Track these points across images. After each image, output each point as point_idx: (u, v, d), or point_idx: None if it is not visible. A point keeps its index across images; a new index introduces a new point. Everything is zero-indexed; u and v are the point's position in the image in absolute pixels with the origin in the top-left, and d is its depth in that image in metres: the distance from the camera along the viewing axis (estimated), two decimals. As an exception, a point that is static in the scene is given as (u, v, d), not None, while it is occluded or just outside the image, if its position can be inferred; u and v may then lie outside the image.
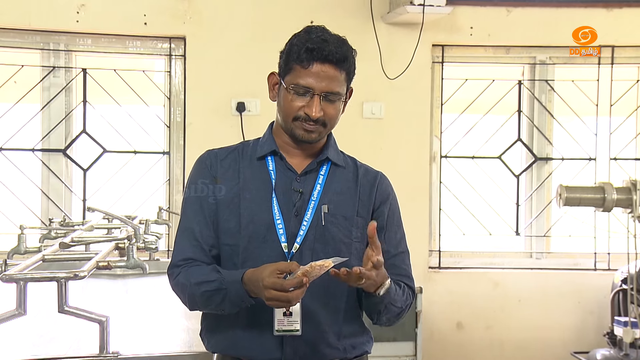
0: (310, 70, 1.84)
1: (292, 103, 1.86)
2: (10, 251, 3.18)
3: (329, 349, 1.89)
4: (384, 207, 1.98)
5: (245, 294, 1.78)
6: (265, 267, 1.74)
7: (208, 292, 1.83)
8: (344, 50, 1.86)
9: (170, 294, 1.95)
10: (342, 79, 1.87)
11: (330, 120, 1.89)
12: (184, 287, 1.88)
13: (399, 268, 1.97)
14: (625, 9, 4.90)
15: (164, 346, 2.40)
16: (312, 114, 1.84)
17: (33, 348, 2.28)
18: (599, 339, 4.66)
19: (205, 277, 1.84)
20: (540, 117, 5.05)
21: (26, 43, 4.59)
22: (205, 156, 1.98)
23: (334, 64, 1.84)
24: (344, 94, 1.90)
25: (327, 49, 1.83)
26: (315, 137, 1.89)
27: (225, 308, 1.84)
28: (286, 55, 1.89)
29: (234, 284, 1.79)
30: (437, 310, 4.83)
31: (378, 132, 4.77)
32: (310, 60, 1.83)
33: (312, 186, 1.92)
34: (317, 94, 1.84)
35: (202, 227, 1.91)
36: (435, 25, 4.71)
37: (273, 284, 1.69)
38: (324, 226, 1.89)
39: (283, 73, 1.90)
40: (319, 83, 1.84)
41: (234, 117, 4.63)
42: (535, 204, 5.06)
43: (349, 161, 2.01)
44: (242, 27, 4.66)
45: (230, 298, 1.81)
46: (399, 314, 1.94)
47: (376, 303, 1.86)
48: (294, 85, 1.85)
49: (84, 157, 4.69)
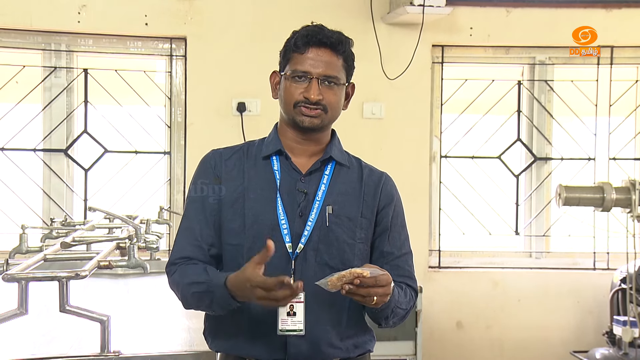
0: (306, 55, 1.88)
1: (292, 90, 1.88)
2: (12, 251, 3.20)
3: (332, 348, 1.90)
4: (388, 209, 1.98)
5: (230, 297, 1.78)
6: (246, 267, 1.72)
7: (197, 294, 1.84)
8: (339, 35, 1.91)
9: (171, 293, 1.96)
10: (340, 65, 1.90)
11: (331, 106, 1.90)
12: (178, 285, 1.90)
13: (402, 269, 1.98)
14: (624, 9, 4.90)
15: (165, 345, 2.41)
16: (311, 97, 1.86)
17: (34, 347, 2.29)
18: (598, 338, 4.67)
19: (196, 277, 1.85)
20: (539, 117, 5.06)
21: (27, 43, 4.60)
22: (209, 156, 1.99)
23: (330, 48, 1.88)
24: (343, 80, 1.91)
25: (322, 33, 1.89)
26: (317, 123, 1.90)
27: (214, 309, 1.85)
28: (285, 48, 1.94)
29: (218, 287, 1.79)
30: (437, 310, 4.84)
31: (378, 132, 4.78)
32: (306, 45, 1.88)
33: (317, 186, 1.92)
34: (314, 77, 1.87)
35: (202, 226, 1.92)
36: (435, 25, 4.71)
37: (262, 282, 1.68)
38: (328, 227, 1.89)
39: (283, 67, 1.93)
40: (316, 68, 1.87)
41: (234, 117, 4.64)
42: (534, 204, 5.07)
43: (353, 161, 2.01)
44: (242, 27, 4.67)
45: (217, 301, 1.81)
46: (404, 316, 1.94)
47: (383, 309, 1.84)
48: (292, 71, 1.89)
49: (85, 157, 4.70)
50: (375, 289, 1.73)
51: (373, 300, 1.74)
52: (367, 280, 1.70)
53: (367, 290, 1.72)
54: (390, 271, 1.91)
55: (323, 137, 1.96)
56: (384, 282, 1.74)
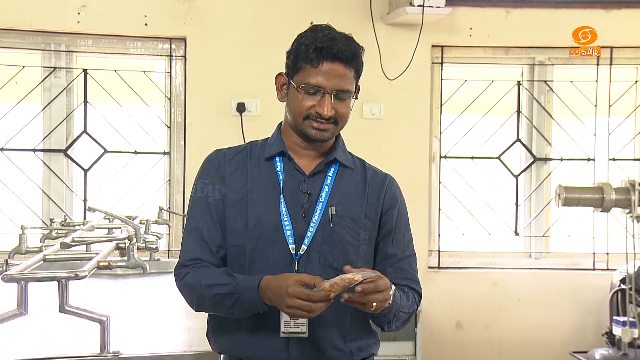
0: (320, 69, 1.84)
1: (303, 102, 1.86)
2: (12, 251, 3.20)
3: (335, 351, 1.89)
4: (392, 211, 1.97)
5: (261, 300, 1.77)
6: (288, 276, 1.73)
7: (219, 295, 1.81)
8: (353, 47, 1.87)
9: (171, 293, 1.96)
10: (352, 76, 1.88)
11: (342, 118, 1.89)
12: (192, 288, 1.86)
13: (406, 272, 1.98)
14: (623, 10, 4.90)
15: (164, 346, 2.41)
16: (324, 113, 1.84)
17: (34, 348, 2.29)
18: (598, 339, 4.67)
19: (217, 279, 1.82)
20: (539, 117, 5.06)
21: (27, 44, 4.60)
22: (213, 156, 1.98)
23: (344, 62, 1.85)
24: (353, 91, 1.90)
25: (337, 47, 1.83)
26: (328, 136, 1.89)
27: (234, 312, 1.83)
28: (294, 55, 1.88)
29: (249, 289, 1.78)
30: (437, 310, 4.84)
31: (378, 132, 4.77)
32: (320, 59, 1.83)
33: (320, 187, 1.92)
34: (328, 93, 1.84)
35: (209, 227, 1.90)
36: (435, 26, 4.71)
37: (299, 293, 1.68)
38: (332, 228, 1.88)
39: (292, 73, 1.89)
40: (330, 82, 1.84)
41: (234, 118, 4.64)
42: (534, 204, 5.08)
43: (357, 162, 2.01)
44: (242, 27, 4.67)
45: (243, 303, 1.79)
46: (407, 320, 1.94)
47: (385, 313, 1.84)
48: (305, 84, 1.85)
49: (84, 157, 4.70)
50: (375, 295, 1.72)
51: (372, 307, 1.73)
52: (366, 287, 1.70)
53: (366, 298, 1.71)
54: (393, 273, 1.93)
55: (328, 141, 1.95)
56: (383, 286, 1.73)
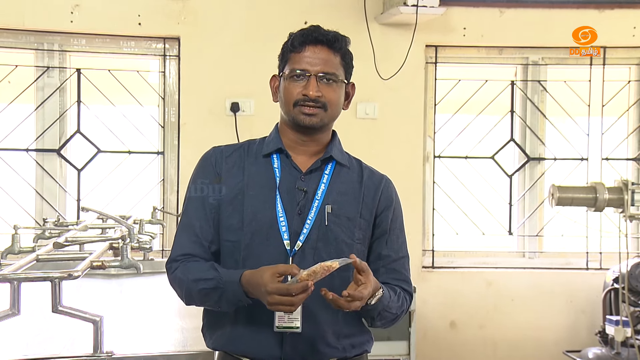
0: (304, 54, 1.89)
1: (291, 89, 1.89)
2: (4, 251, 3.19)
3: (328, 348, 1.90)
4: (387, 212, 1.99)
5: (243, 294, 1.79)
6: (264, 270, 1.75)
7: (205, 290, 1.84)
8: (336, 33, 1.93)
9: (165, 293, 1.96)
10: (337, 62, 1.91)
11: (330, 104, 1.90)
12: (181, 282, 1.89)
13: (399, 273, 1.99)
14: (616, 10, 4.92)
15: (158, 346, 2.40)
16: (310, 93, 1.86)
17: (27, 348, 2.29)
18: (591, 338, 4.69)
19: (203, 274, 1.85)
20: (532, 117, 5.07)
21: (20, 43, 4.59)
22: (210, 153, 1.99)
23: (327, 45, 1.90)
24: (341, 77, 1.92)
25: (318, 31, 1.91)
26: (317, 122, 1.90)
27: (222, 306, 1.86)
28: (282, 50, 1.95)
29: (231, 284, 1.80)
30: (431, 310, 4.84)
31: (372, 132, 4.78)
32: (302, 44, 1.90)
33: (317, 185, 1.93)
34: (312, 75, 1.88)
35: (202, 223, 1.92)
36: (429, 25, 4.72)
37: (277, 289, 1.70)
38: (327, 226, 1.90)
39: (281, 68, 1.95)
40: (314, 66, 1.89)
41: (228, 117, 4.64)
42: (527, 204, 5.09)
43: (354, 162, 2.03)
44: (236, 27, 4.67)
45: (227, 297, 1.82)
46: (393, 320, 1.95)
47: (369, 310, 1.86)
48: (290, 70, 1.90)
49: (78, 157, 4.69)
50: (355, 303, 1.75)
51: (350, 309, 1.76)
52: (354, 294, 1.73)
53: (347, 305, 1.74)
54: (386, 274, 1.95)
55: (323, 137, 1.97)
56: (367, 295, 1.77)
